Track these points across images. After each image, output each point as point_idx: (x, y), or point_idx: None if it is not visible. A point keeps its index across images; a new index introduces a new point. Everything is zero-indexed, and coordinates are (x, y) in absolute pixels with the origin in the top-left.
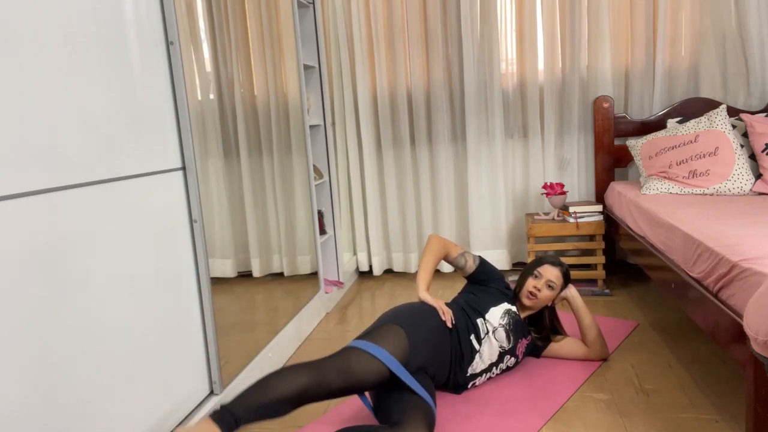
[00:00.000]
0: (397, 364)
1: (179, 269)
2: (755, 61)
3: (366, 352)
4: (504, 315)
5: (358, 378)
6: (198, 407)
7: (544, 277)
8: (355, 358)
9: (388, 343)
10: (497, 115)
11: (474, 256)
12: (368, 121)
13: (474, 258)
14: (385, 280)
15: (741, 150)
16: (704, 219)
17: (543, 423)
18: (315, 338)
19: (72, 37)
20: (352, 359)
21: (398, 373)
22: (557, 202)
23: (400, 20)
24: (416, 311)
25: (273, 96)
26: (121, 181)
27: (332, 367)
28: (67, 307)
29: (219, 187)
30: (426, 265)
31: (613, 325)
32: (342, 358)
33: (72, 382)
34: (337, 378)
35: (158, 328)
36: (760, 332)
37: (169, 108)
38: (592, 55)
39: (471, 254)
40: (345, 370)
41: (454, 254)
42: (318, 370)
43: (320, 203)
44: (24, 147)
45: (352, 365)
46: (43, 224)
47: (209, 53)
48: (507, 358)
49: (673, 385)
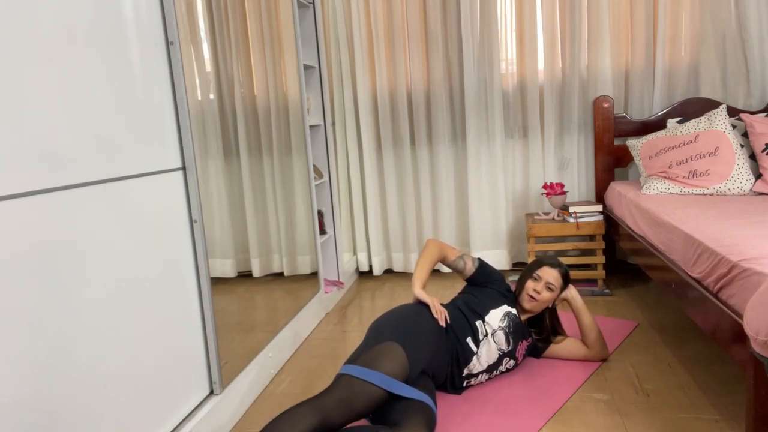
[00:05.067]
0: (396, 384)
1: (179, 269)
2: (755, 61)
3: (364, 381)
4: (504, 317)
5: (360, 410)
6: (198, 407)
7: (543, 279)
8: (355, 389)
9: (385, 364)
10: (497, 115)
11: (473, 258)
12: (368, 121)
13: (473, 260)
14: (385, 280)
15: (741, 150)
16: (704, 219)
17: (543, 423)
18: (315, 338)
19: (72, 37)
20: (353, 390)
21: (400, 393)
22: (557, 202)
23: (400, 20)
24: (409, 317)
25: (273, 96)
26: (121, 181)
27: (333, 403)
28: (66, 307)
29: (219, 187)
30: (422, 265)
31: (613, 325)
32: (341, 390)
33: (71, 382)
34: (340, 414)
35: (158, 328)
36: (760, 332)
37: (169, 108)
38: (592, 55)
39: (470, 257)
40: (347, 406)
41: (452, 257)
42: (319, 410)
43: (320, 203)
44: (24, 147)
45: (352, 398)
46: (43, 224)
47: (209, 53)
48: (506, 360)
49: (673, 385)
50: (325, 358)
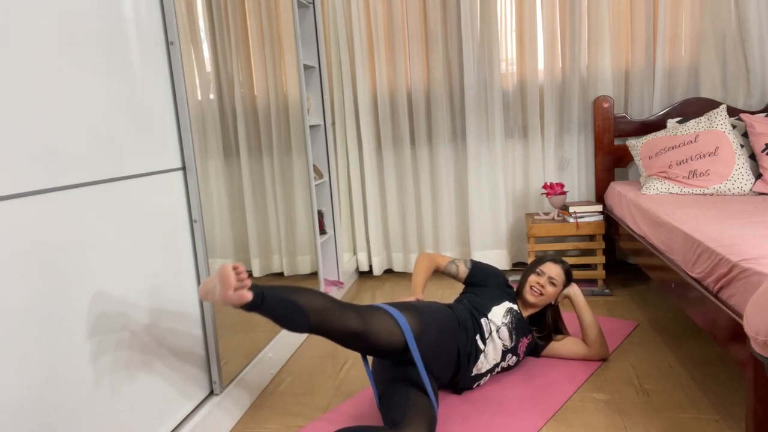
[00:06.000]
0: (411, 335)
1: (179, 269)
2: (755, 61)
3: (387, 313)
4: (506, 314)
5: (373, 330)
6: (198, 407)
7: (546, 274)
8: (377, 312)
9: (406, 313)
10: (497, 115)
11: (464, 261)
12: (368, 121)
13: (465, 263)
14: (385, 280)
15: (741, 150)
16: (704, 219)
17: (543, 423)
18: (315, 338)
19: (72, 36)
20: (374, 312)
21: (410, 343)
22: (557, 202)
23: (400, 20)
24: (427, 307)
25: (273, 96)
26: (121, 181)
27: (354, 308)
28: (66, 307)
29: (219, 187)
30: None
31: (613, 325)
32: (365, 307)
33: (71, 382)
34: (355, 319)
35: (158, 328)
36: (760, 332)
37: (169, 108)
38: (592, 55)
39: (461, 260)
40: (365, 316)
41: (443, 264)
42: (340, 305)
43: (320, 203)
44: (24, 147)
45: (372, 316)
46: (43, 224)
47: (209, 53)
48: (509, 356)
49: (673, 385)
50: (325, 358)
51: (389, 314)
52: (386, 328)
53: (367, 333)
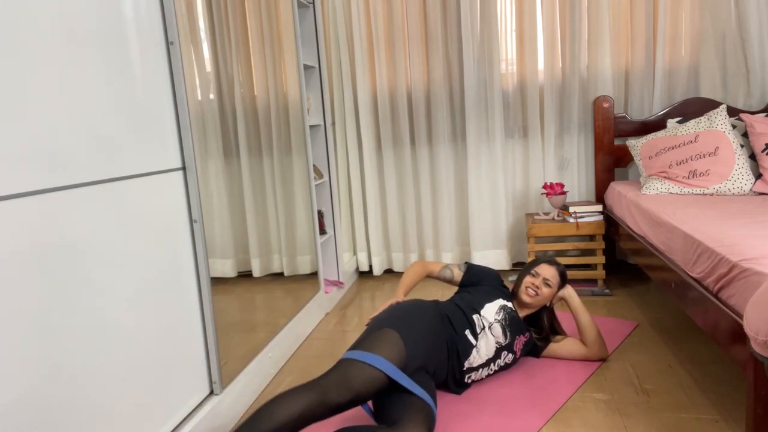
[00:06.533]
0: (394, 369)
1: (179, 269)
2: (755, 61)
3: (362, 362)
4: (499, 310)
5: (358, 390)
6: (198, 407)
7: (541, 276)
8: (353, 370)
9: (383, 348)
10: (497, 115)
11: (458, 264)
12: (368, 121)
13: (459, 266)
14: (385, 280)
15: (741, 150)
16: (704, 219)
17: (543, 423)
18: (315, 338)
19: (72, 36)
20: (350, 372)
21: (397, 379)
22: (557, 202)
23: (400, 20)
24: (408, 309)
25: (273, 96)
26: (120, 181)
27: (331, 383)
28: (66, 307)
29: (219, 187)
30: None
31: (613, 325)
32: (339, 372)
33: (71, 382)
34: (337, 394)
35: (158, 328)
36: (760, 332)
37: (169, 108)
38: (592, 55)
39: (455, 264)
40: (344, 384)
41: (437, 270)
42: (317, 389)
43: (320, 203)
44: (24, 147)
45: (350, 378)
46: (43, 224)
47: (209, 53)
48: (504, 354)
49: (673, 385)
50: (325, 358)
51: (365, 363)
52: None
53: (354, 397)
